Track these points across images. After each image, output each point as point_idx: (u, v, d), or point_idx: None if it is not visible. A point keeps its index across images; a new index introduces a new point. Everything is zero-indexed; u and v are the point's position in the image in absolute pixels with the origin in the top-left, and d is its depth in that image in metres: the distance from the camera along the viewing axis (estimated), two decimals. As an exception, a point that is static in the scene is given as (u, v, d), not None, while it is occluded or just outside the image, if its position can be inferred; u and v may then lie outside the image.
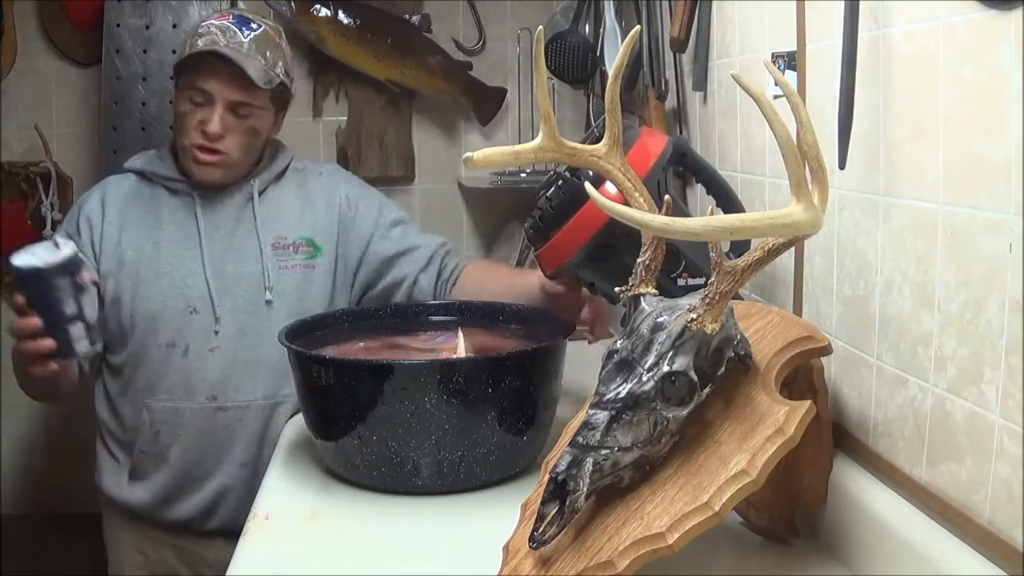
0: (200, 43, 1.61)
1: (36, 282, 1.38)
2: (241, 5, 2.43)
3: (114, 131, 2.29)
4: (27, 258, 1.38)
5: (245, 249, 1.68)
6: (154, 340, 1.65)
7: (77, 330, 1.42)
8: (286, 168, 1.77)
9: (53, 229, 2.56)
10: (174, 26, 2.32)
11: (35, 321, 1.39)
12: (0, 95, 2.52)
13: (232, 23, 1.64)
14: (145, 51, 2.31)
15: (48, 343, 1.40)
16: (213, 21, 1.65)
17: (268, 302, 1.66)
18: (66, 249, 1.40)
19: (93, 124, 2.49)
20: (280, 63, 1.66)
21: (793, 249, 1.04)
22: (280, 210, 1.72)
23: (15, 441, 2.69)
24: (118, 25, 2.31)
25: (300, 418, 1.48)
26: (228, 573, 1.08)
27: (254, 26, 1.65)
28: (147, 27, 2.31)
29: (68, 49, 2.53)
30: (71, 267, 1.40)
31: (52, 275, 1.38)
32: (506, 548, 1.00)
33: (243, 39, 1.62)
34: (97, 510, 1.82)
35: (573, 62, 2.02)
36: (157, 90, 2.31)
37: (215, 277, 1.66)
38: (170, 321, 1.65)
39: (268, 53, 1.64)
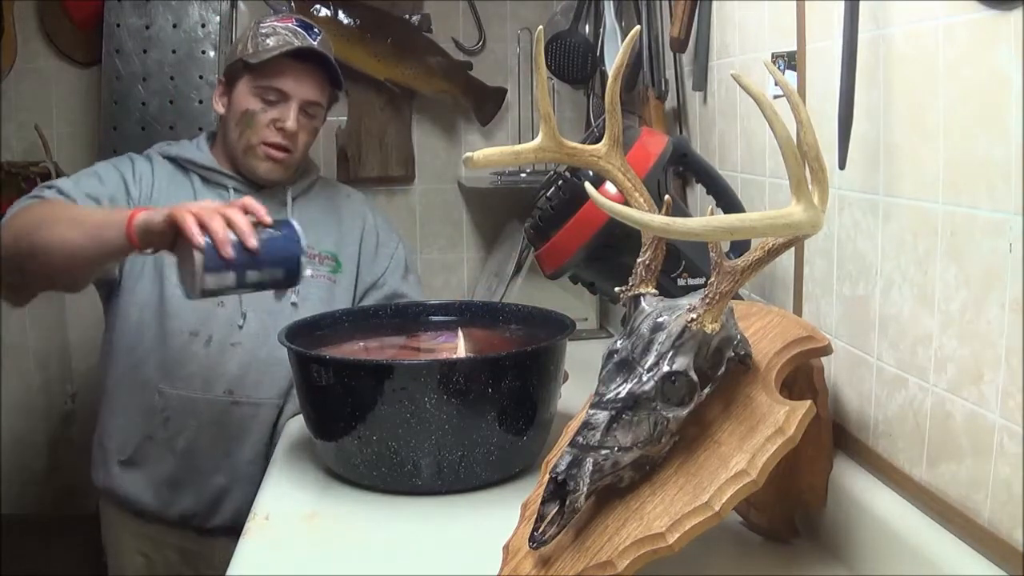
0: (271, 42, 1.63)
1: (278, 242, 1.28)
2: (241, 6, 2.43)
3: (114, 131, 2.29)
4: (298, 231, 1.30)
5: None
6: (177, 327, 1.65)
7: (222, 279, 1.25)
8: (315, 181, 1.81)
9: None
10: (174, 26, 2.32)
11: (250, 221, 1.26)
12: (0, 95, 2.51)
13: (299, 27, 1.67)
14: (145, 51, 2.31)
15: (227, 246, 1.23)
16: (276, 23, 1.67)
17: (294, 304, 1.67)
18: (307, 269, 1.32)
19: (93, 124, 2.49)
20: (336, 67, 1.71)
21: (793, 249, 1.04)
22: (309, 220, 1.73)
23: (15, 441, 2.69)
24: (118, 25, 2.31)
25: (300, 418, 1.48)
26: (228, 573, 1.08)
27: (316, 31, 1.69)
28: (147, 27, 2.31)
29: (68, 49, 2.52)
30: (288, 275, 1.31)
31: (285, 261, 1.28)
32: (506, 548, 1.00)
33: (313, 42, 1.66)
34: (97, 510, 1.81)
35: (573, 62, 2.02)
36: (157, 90, 2.31)
37: None
38: (196, 310, 1.65)
39: (331, 56, 1.69)
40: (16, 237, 1.45)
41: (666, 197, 1.02)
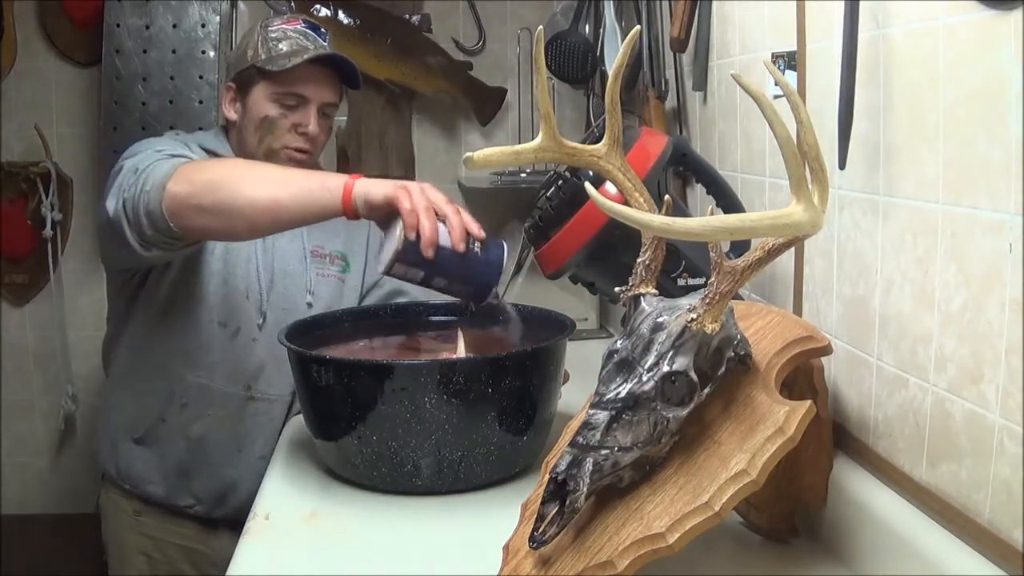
0: (284, 47, 1.63)
1: (478, 263, 1.29)
2: (241, 6, 2.43)
3: (114, 131, 2.29)
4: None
5: (289, 250, 1.71)
6: (208, 315, 1.65)
7: (411, 273, 1.28)
8: None
9: (53, 229, 2.56)
10: (174, 26, 2.32)
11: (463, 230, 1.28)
12: (0, 95, 2.51)
13: (308, 28, 1.68)
14: (145, 51, 2.31)
15: (430, 241, 1.25)
16: (284, 26, 1.67)
17: (309, 304, 1.68)
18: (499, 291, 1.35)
19: (93, 124, 2.49)
20: None
21: (793, 249, 1.04)
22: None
23: (15, 441, 2.69)
24: (118, 25, 2.31)
25: (300, 418, 1.48)
26: (228, 573, 1.08)
27: (323, 31, 1.70)
28: (147, 27, 2.31)
29: (68, 49, 2.53)
30: (476, 296, 1.33)
31: (477, 282, 1.30)
32: (506, 548, 1.00)
33: (324, 43, 1.67)
34: (97, 510, 1.81)
35: (573, 62, 2.02)
36: (157, 90, 2.31)
37: (264, 269, 1.68)
38: (228, 300, 1.66)
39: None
40: (198, 193, 1.38)
41: (666, 197, 1.02)
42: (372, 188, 1.32)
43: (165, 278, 1.64)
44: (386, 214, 1.31)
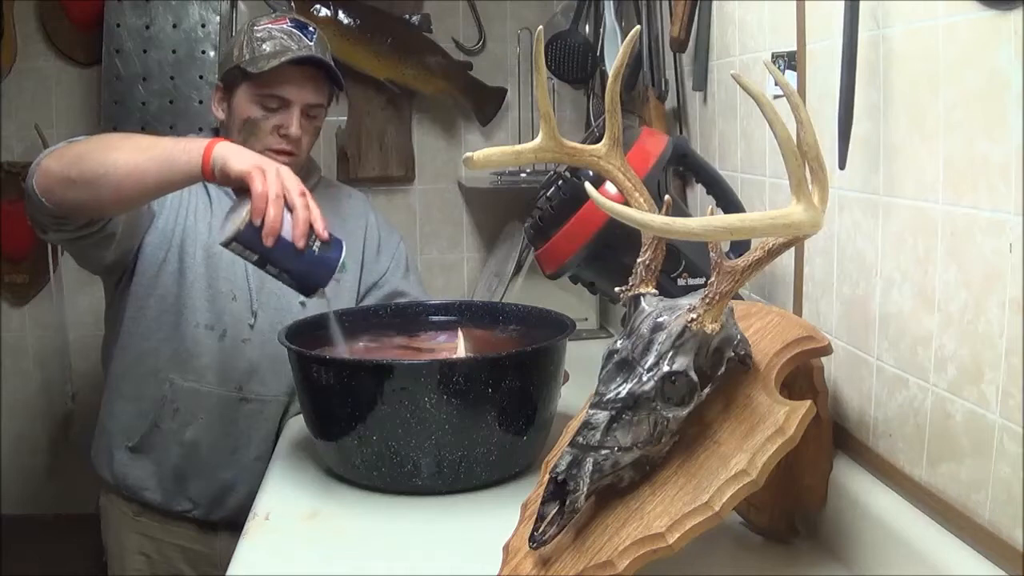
0: (267, 47, 1.62)
1: (314, 262, 1.30)
2: (241, 6, 2.43)
3: (114, 131, 2.29)
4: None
5: None
6: (193, 318, 1.65)
7: (246, 254, 1.29)
8: (318, 181, 1.81)
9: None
10: (174, 26, 2.32)
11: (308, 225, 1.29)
12: (0, 95, 2.51)
13: (294, 27, 1.66)
14: (145, 51, 2.31)
15: (273, 219, 1.26)
16: (270, 25, 1.66)
17: (302, 303, 1.68)
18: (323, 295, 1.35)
19: (93, 124, 2.49)
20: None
21: (793, 249, 1.04)
22: None
23: (15, 441, 2.69)
24: (118, 25, 2.31)
25: (300, 418, 1.48)
26: (228, 573, 1.08)
27: (311, 29, 1.68)
28: (147, 27, 2.31)
29: (68, 49, 2.53)
30: (303, 291, 1.33)
31: (309, 280, 1.31)
32: (506, 548, 1.00)
33: (310, 43, 1.65)
34: (97, 510, 1.81)
35: (573, 62, 2.02)
36: (157, 90, 2.31)
37: (253, 269, 1.66)
38: (214, 303, 1.65)
39: (328, 54, 1.69)
40: (67, 165, 1.40)
41: (666, 197, 1.02)
42: (230, 159, 1.30)
43: (147, 283, 1.65)
44: (238, 184, 1.30)
